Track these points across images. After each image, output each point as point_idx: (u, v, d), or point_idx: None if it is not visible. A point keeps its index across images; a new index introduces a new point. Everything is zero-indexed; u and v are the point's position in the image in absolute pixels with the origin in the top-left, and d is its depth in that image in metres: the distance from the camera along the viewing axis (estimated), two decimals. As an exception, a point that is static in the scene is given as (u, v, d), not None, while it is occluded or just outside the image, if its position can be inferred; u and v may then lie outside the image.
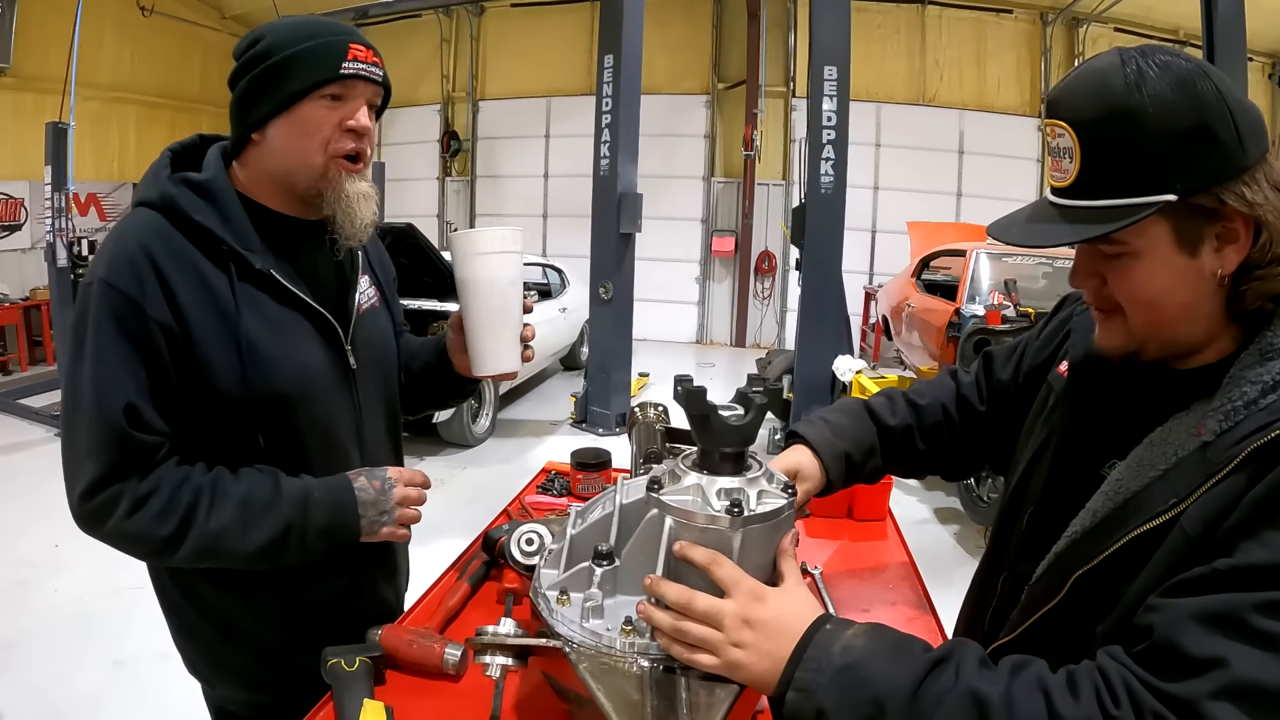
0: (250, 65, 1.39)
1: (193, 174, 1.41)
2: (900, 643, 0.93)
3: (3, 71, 11.02)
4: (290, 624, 1.53)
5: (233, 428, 1.41)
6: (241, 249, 1.38)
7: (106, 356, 1.30)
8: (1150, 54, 0.90)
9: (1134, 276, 0.95)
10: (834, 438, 1.45)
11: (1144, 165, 0.89)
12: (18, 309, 11.13)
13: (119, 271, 1.30)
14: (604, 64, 7.92)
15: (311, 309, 1.47)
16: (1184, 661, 0.80)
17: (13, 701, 3.68)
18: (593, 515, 1.15)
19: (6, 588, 4.83)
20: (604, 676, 0.96)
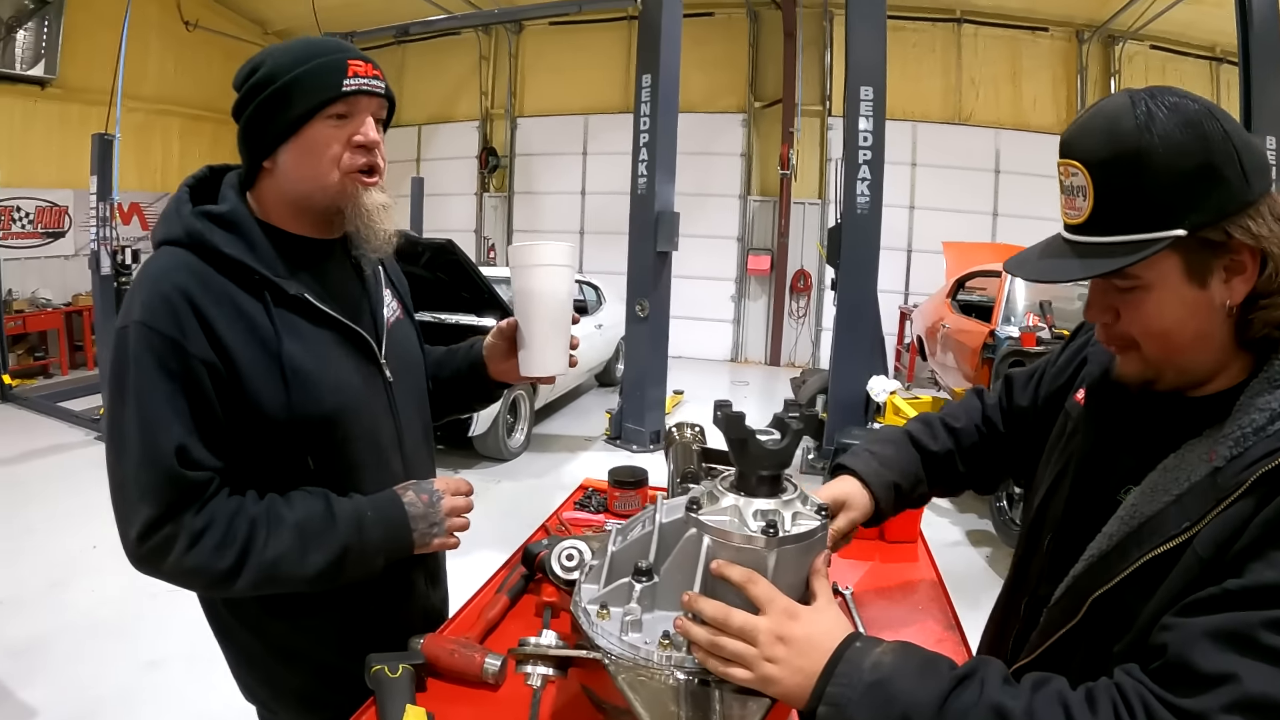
0: (253, 94, 1.40)
1: (213, 207, 1.42)
2: (927, 660, 0.97)
3: (49, 83, 11.33)
4: (344, 639, 1.55)
5: (282, 452, 1.43)
6: (273, 276, 1.40)
7: (151, 399, 1.30)
8: (1159, 95, 0.95)
9: (1146, 309, 0.99)
10: (881, 468, 1.49)
11: (1154, 203, 0.93)
12: (60, 314, 11.43)
13: (156, 314, 1.31)
14: (642, 83, 8.00)
15: (346, 327, 1.50)
16: (1197, 677, 0.83)
17: (47, 698, 3.77)
18: (633, 533, 1.20)
19: (43, 587, 4.94)
20: (641, 688, 1.01)
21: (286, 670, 1.58)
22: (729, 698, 1.00)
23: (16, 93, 11.07)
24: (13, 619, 4.52)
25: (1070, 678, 0.93)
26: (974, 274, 8.50)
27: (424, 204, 13.02)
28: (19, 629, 4.40)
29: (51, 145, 11.57)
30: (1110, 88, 12.68)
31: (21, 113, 11.21)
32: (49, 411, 9.15)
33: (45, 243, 11.77)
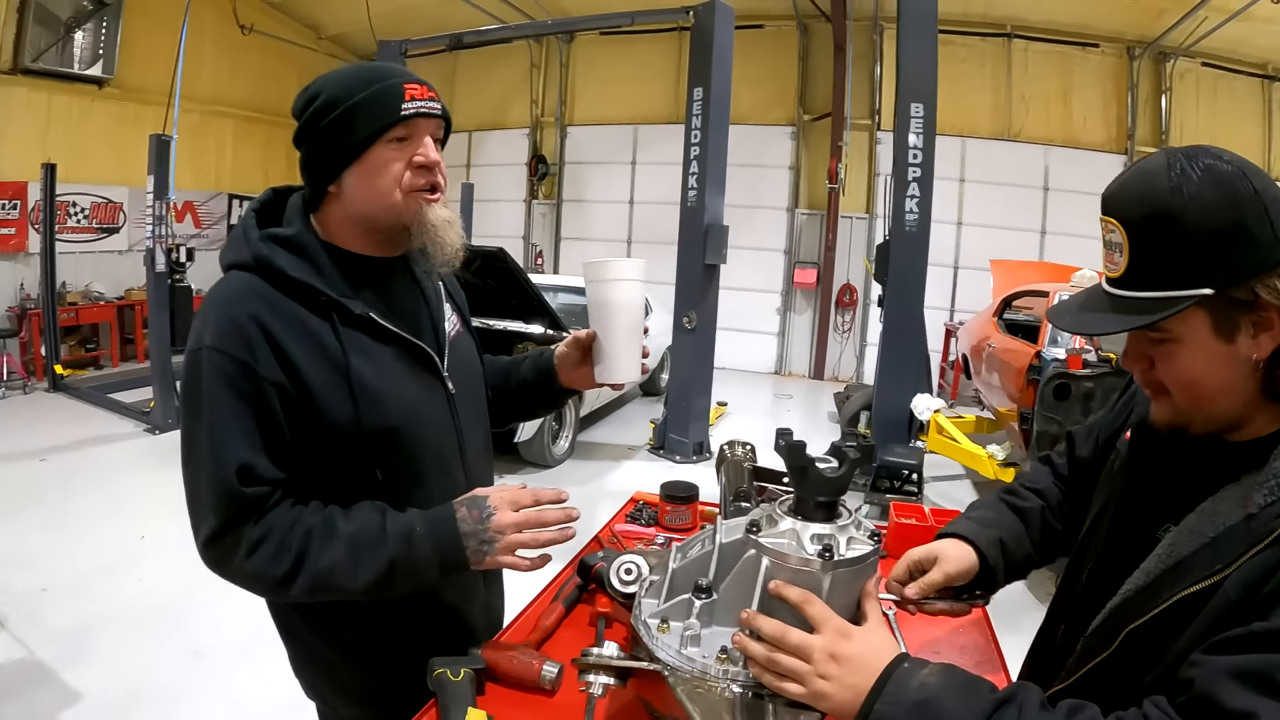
0: (314, 121, 1.46)
1: (279, 230, 1.50)
2: (970, 682, 1.03)
3: (106, 82, 11.57)
4: (407, 640, 1.61)
5: (352, 464, 1.48)
6: (339, 296, 1.46)
7: (220, 419, 1.37)
8: (1195, 156, 1.00)
9: (1177, 360, 1.05)
10: (982, 527, 1.50)
11: (1184, 261, 0.99)
12: (112, 307, 11.75)
13: (227, 338, 1.37)
14: (693, 96, 8.06)
15: (410, 343, 1.56)
16: (1219, 713, 0.88)
17: (94, 682, 3.88)
18: (692, 551, 1.26)
19: (92, 574, 5.06)
20: (699, 699, 1.07)
21: (349, 670, 1.64)
22: (781, 711, 1.06)
23: (75, 91, 11.32)
24: (61, 604, 4.65)
25: (1102, 705, 0.98)
26: (1021, 293, 8.45)
27: (473, 210, 13.16)
28: (67, 614, 4.53)
29: (108, 143, 11.83)
30: (1161, 105, 12.56)
31: (79, 111, 11.47)
32: (99, 402, 9.40)
33: (100, 238, 12.03)
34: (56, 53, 10.79)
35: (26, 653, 4.11)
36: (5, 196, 10.54)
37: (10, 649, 4.14)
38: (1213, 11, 10.48)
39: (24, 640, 4.21)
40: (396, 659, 1.62)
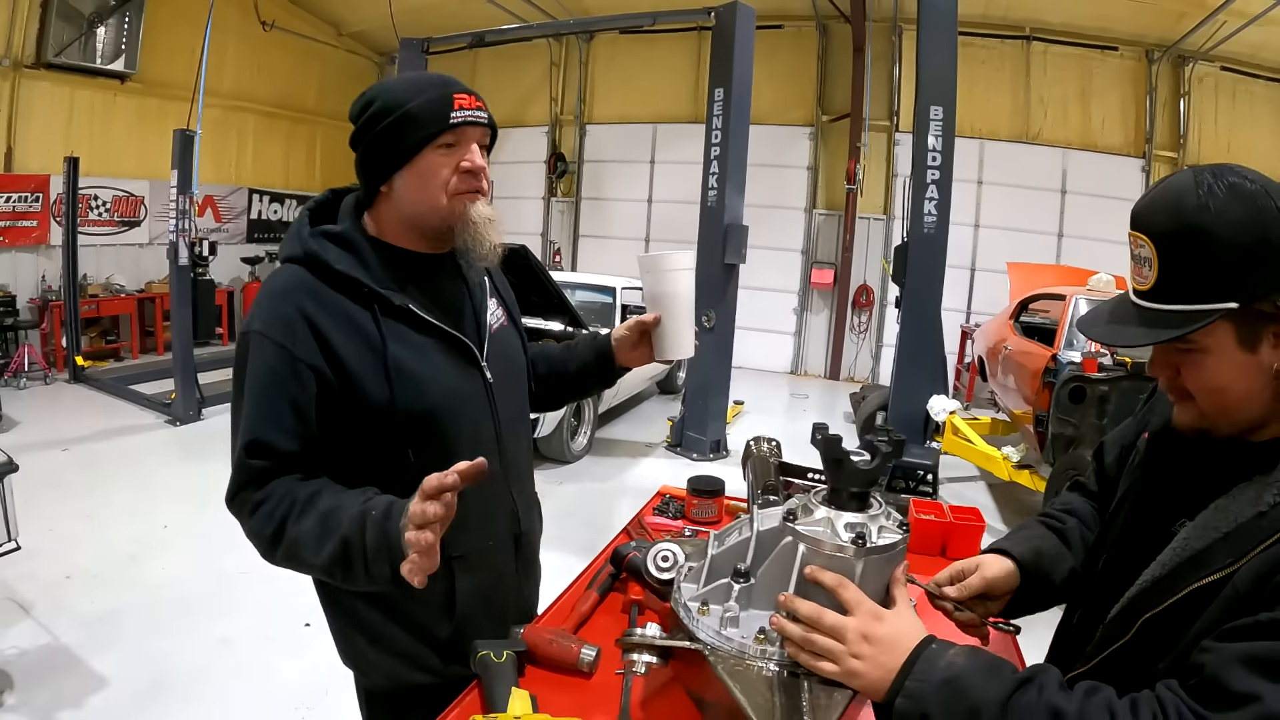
0: (369, 126, 1.57)
1: (330, 227, 1.63)
2: (993, 663, 1.10)
3: (129, 77, 11.68)
4: (443, 613, 1.70)
5: (386, 444, 1.58)
6: (380, 289, 1.57)
7: (255, 396, 1.51)
8: (1221, 175, 1.05)
9: (1203, 370, 1.11)
10: (1021, 541, 1.52)
11: (1211, 276, 1.04)
12: (133, 300, 11.85)
13: (272, 325, 1.51)
14: (714, 97, 8.11)
15: (448, 334, 1.66)
16: (1227, 696, 0.95)
17: (121, 668, 3.94)
18: (729, 539, 1.33)
19: (119, 562, 5.14)
20: (739, 676, 1.14)
21: (385, 639, 1.71)
22: (816, 688, 1.13)
23: (97, 86, 11.42)
24: (86, 591, 4.72)
25: (1118, 689, 1.05)
26: (1038, 296, 8.47)
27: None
28: (92, 601, 4.60)
29: (130, 137, 11.95)
30: (1179, 109, 12.53)
31: (102, 105, 11.59)
32: (120, 394, 9.49)
33: (121, 231, 12.15)
34: (79, 47, 10.90)
35: (52, 639, 4.17)
36: (28, 189, 10.66)
37: (36, 635, 4.20)
38: (1232, 16, 10.46)
39: (49, 627, 4.27)
40: (432, 631, 1.70)
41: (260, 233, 14.66)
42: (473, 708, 1.45)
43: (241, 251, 14.12)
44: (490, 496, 1.75)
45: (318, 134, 15.62)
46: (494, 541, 1.77)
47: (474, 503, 1.65)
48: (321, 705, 3.72)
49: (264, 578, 4.78)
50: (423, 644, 1.71)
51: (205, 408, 8.77)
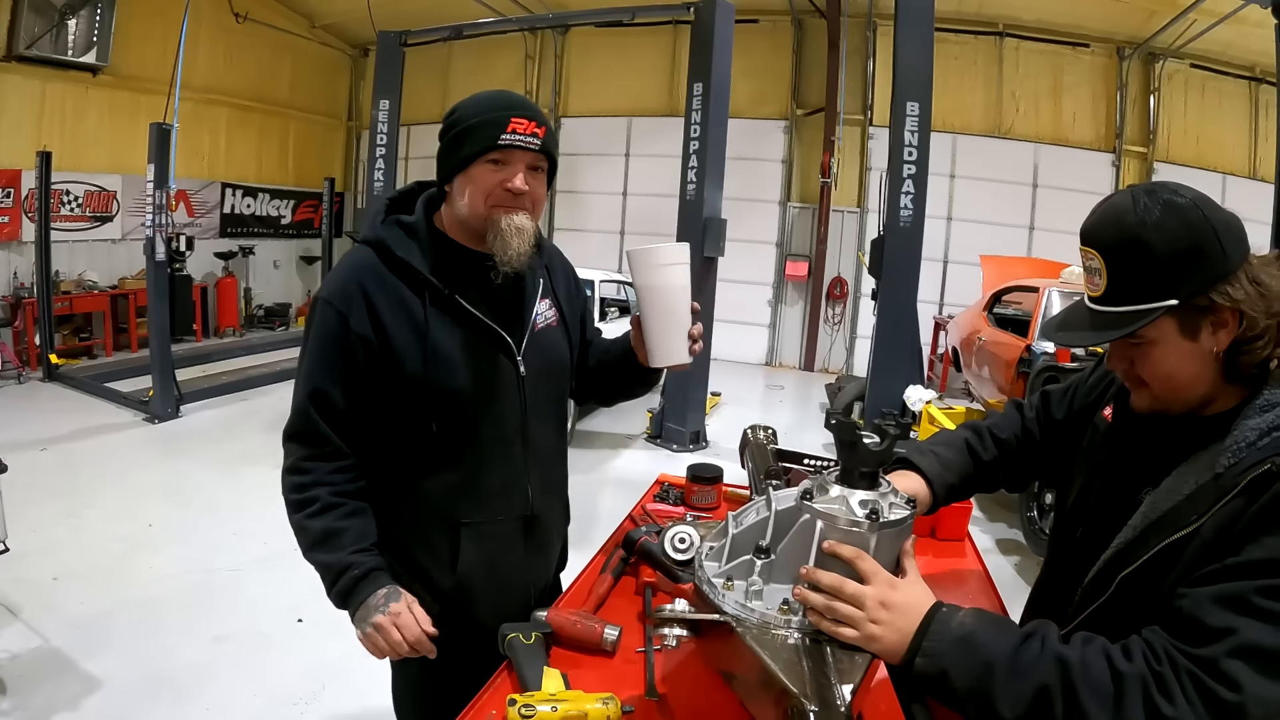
0: (444, 132, 1.78)
1: (403, 216, 1.84)
2: (1000, 621, 1.23)
3: (101, 70, 11.59)
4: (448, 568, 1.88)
5: (414, 413, 1.79)
6: (431, 277, 1.77)
7: (317, 353, 1.77)
8: (1155, 193, 1.23)
9: (1152, 359, 1.27)
10: (943, 470, 1.71)
11: (1153, 279, 1.21)
12: (106, 296, 11.70)
13: (336, 295, 1.75)
14: (694, 91, 8.17)
15: (487, 326, 1.82)
16: (1206, 631, 1.08)
17: (115, 669, 3.92)
18: (747, 519, 1.41)
19: (105, 562, 5.09)
20: (766, 645, 1.22)
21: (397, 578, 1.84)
22: (838, 653, 1.22)
23: (69, 79, 11.34)
24: (75, 592, 4.67)
25: None
26: (1011, 288, 8.61)
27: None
28: (83, 603, 4.56)
29: (102, 131, 11.88)
30: (1149, 105, 12.77)
31: (73, 99, 11.50)
32: (96, 391, 9.41)
33: (93, 226, 12.06)
34: (51, 40, 10.83)
35: (43, 641, 4.14)
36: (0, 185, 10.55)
37: (27, 639, 4.16)
38: (1202, 14, 10.69)
39: (40, 630, 4.24)
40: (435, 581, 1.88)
41: (233, 227, 14.57)
42: (506, 688, 1.53)
43: (215, 246, 14.03)
44: (508, 477, 1.89)
45: (291, 127, 15.58)
46: (504, 517, 1.91)
47: (492, 481, 1.87)
48: (318, 700, 3.76)
49: (254, 575, 4.87)
50: (426, 591, 1.86)
51: (183, 404, 8.74)
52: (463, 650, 1.83)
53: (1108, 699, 1.09)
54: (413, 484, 1.85)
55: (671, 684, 1.54)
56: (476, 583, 1.87)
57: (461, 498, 1.85)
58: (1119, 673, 1.10)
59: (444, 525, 1.86)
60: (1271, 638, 1.04)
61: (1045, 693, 1.11)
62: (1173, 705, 1.06)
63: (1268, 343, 1.21)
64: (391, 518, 1.86)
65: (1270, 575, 1.07)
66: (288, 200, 15.74)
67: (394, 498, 1.86)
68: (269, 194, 15.27)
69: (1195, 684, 1.06)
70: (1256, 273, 1.21)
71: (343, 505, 1.77)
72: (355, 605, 1.73)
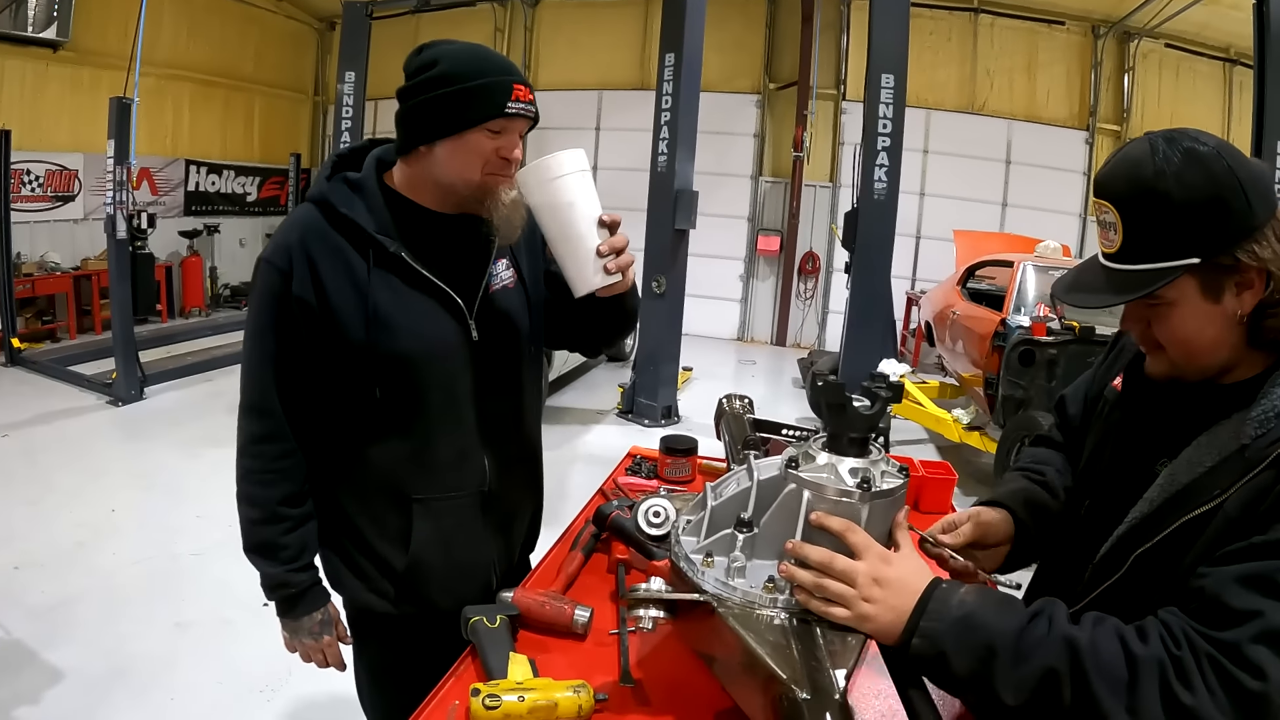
0: (426, 87, 1.61)
1: (350, 174, 1.73)
2: (1003, 599, 1.13)
3: (61, 45, 11.21)
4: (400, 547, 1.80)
5: (356, 379, 1.70)
6: (377, 235, 1.66)
7: (261, 315, 1.69)
8: (1175, 140, 1.12)
9: (1171, 321, 1.16)
10: (1010, 491, 1.54)
11: (1173, 235, 1.10)
12: (69, 278, 11.31)
13: (277, 253, 1.67)
14: (665, 62, 8.08)
15: (436, 286, 1.71)
16: (1229, 614, 0.99)
17: (77, 659, 3.81)
18: (727, 490, 1.31)
19: (66, 549, 4.95)
20: (750, 626, 1.13)
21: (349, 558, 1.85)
22: (829, 634, 1.12)
23: (28, 55, 10.97)
24: (36, 582, 4.54)
25: None
26: (985, 263, 8.59)
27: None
28: (42, 592, 4.44)
29: (63, 109, 11.51)
30: (1124, 84, 12.78)
31: (33, 76, 11.13)
32: (60, 375, 9.13)
33: (55, 206, 11.68)
34: (10, 15, 10.45)
35: (4, 633, 4.02)
36: (-42, 164, 10.21)
37: (-13, 630, 4.05)
38: (1179, -6, 10.66)
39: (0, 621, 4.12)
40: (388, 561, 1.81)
41: (198, 205, 14.24)
42: (470, 675, 1.42)
43: (179, 225, 13.68)
44: (460, 450, 1.79)
45: (256, 103, 15.24)
46: (458, 493, 1.81)
47: (443, 453, 1.77)
48: (284, 686, 3.67)
49: (218, 559, 4.76)
50: (380, 572, 1.82)
51: (147, 386, 8.52)
52: (421, 635, 1.79)
53: (1120, 685, 1.00)
54: (359, 454, 1.77)
55: (648, 669, 1.44)
56: (431, 563, 1.79)
57: (411, 470, 1.76)
58: (1133, 656, 1.01)
59: (394, 500, 1.78)
60: None
61: (1052, 677, 1.02)
62: (1191, 693, 0.97)
63: None
64: (339, 491, 1.81)
65: None
66: (253, 177, 15.41)
67: (341, 469, 1.80)
68: (234, 171, 14.92)
69: (1216, 670, 0.98)
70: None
71: (286, 520, 1.75)
72: (288, 617, 1.82)
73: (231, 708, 3.58)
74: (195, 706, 3.57)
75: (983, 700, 1.08)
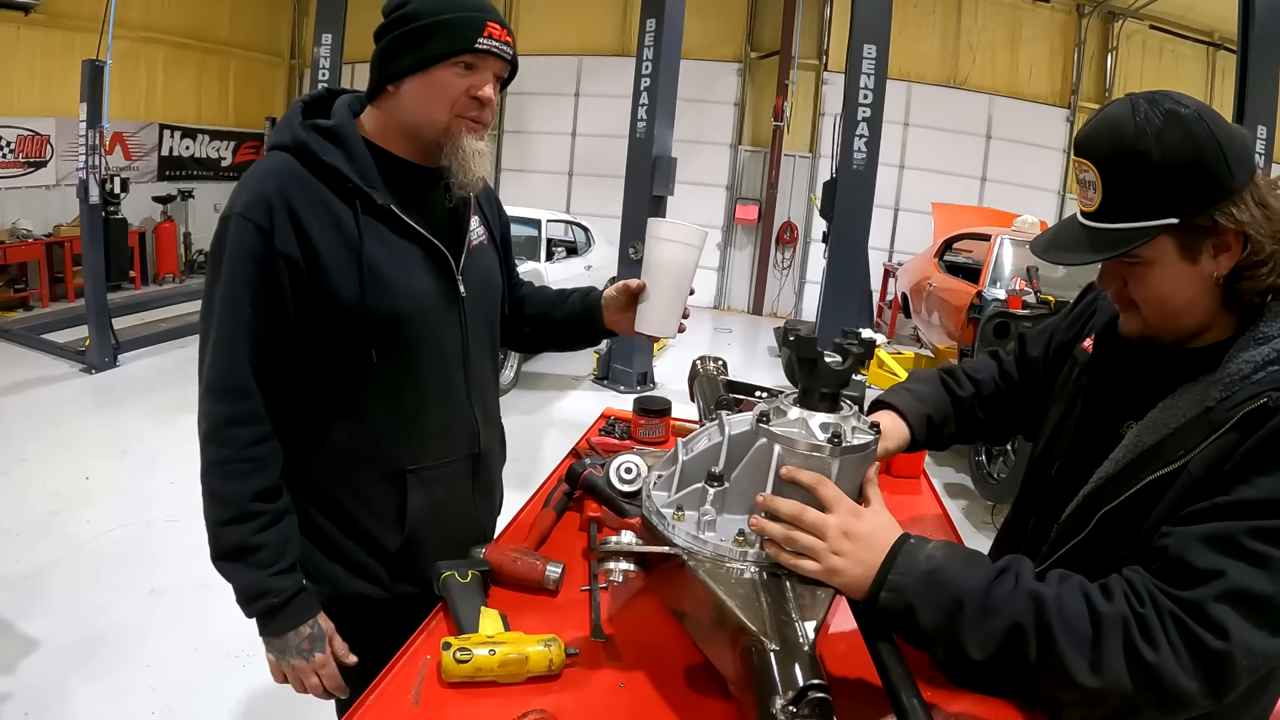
0: (396, 24, 1.54)
1: (322, 121, 1.58)
2: (971, 555, 1.15)
3: (33, 8, 11.01)
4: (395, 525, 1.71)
5: (350, 342, 1.58)
6: (365, 186, 1.54)
7: (235, 280, 1.49)
8: (1157, 102, 1.12)
9: (1148, 281, 1.18)
10: (917, 402, 1.64)
11: (1151, 195, 1.11)
12: (41, 245, 11.12)
13: (254, 208, 1.47)
14: (645, 28, 8.03)
15: (427, 240, 1.63)
16: (1193, 573, 1.02)
17: (52, 628, 3.78)
18: (698, 445, 1.31)
19: (40, 518, 4.91)
20: (720, 580, 1.13)
21: (336, 547, 1.71)
22: (799, 588, 1.13)
23: (-1, 19, 10.81)
24: (9, 551, 4.50)
25: None
26: (963, 235, 8.62)
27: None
28: (17, 561, 4.40)
29: (34, 73, 11.30)
30: (1106, 64, 12.83)
31: (4, 39, 10.91)
32: (32, 344, 8.98)
33: (26, 172, 11.46)
34: (-20, -22, 10.28)
35: (-23, 604, 3.99)
36: (-73, 130, 10.01)
37: (-40, 602, 4.00)
38: (1165, -24, 10.67)
39: (-27, 592, 4.08)
40: (381, 542, 1.71)
41: (172, 170, 14.05)
42: (441, 630, 1.42)
43: (153, 190, 13.47)
44: (451, 412, 1.74)
45: (231, 66, 15.02)
46: (451, 458, 1.76)
47: (434, 417, 1.70)
48: (260, 652, 3.57)
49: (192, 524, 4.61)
50: (371, 555, 1.72)
51: (121, 354, 8.42)
52: (413, 615, 1.56)
53: (1085, 641, 1.02)
54: (341, 428, 1.65)
55: (619, 624, 1.44)
56: (424, 537, 1.71)
57: (402, 440, 1.67)
58: (1098, 613, 1.03)
59: (385, 475, 1.68)
60: (1261, 583, 0.98)
61: (1018, 632, 1.04)
62: (1155, 650, 1.00)
63: (1271, 270, 1.13)
64: (315, 471, 1.67)
65: (1263, 516, 1.01)
66: (228, 141, 15.21)
67: (316, 446, 1.66)
68: (209, 135, 14.72)
69: (1179, 628, 1.00)
70: (1264, 194, 1.13)
71: (261, 515, 1.54)
72: (271, 633, 1.60)
73: (207, 674, 3.57)
74: (171, 673, 3.55)
75: (950, 654, 1.09)
